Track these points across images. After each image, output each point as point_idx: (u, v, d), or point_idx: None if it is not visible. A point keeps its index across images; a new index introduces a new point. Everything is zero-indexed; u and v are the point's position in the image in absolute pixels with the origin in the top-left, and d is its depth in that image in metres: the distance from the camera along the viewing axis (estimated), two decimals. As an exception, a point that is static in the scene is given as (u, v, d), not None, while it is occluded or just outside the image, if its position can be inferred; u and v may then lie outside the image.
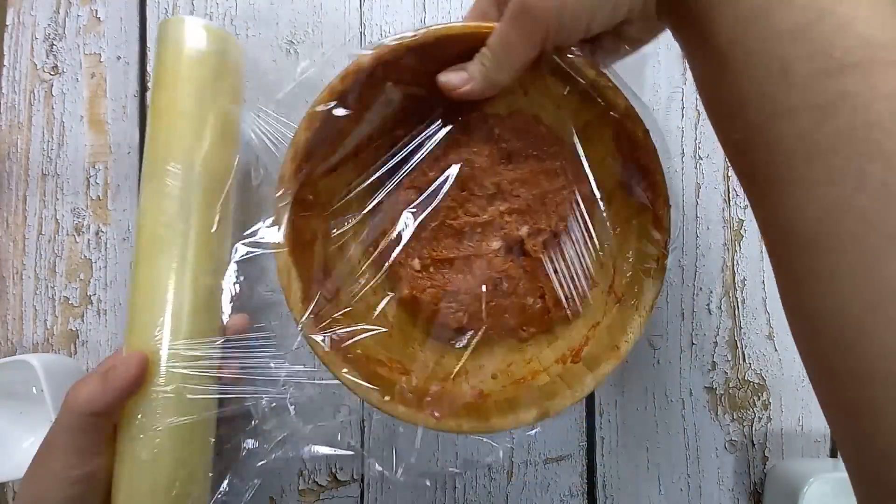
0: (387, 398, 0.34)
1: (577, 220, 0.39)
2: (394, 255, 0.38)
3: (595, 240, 0.39)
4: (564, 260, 0.39)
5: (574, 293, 0.39)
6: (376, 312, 0.39)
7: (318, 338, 0.34)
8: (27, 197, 0.45)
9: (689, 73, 0.45)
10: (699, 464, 0.45)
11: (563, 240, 0.39)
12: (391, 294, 0.40)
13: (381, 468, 0.44)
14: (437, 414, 0.33)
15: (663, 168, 0.35)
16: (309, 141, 0.34)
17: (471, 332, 0.39)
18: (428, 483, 0.44)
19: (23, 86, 0.45)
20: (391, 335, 0.39)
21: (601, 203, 0.39)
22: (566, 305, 0.39)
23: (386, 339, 0.38)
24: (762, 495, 0.44)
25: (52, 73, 0.45)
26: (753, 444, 0.45)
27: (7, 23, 0.45)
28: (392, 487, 0.44)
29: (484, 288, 0.39)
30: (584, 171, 0.39)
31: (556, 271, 0.39)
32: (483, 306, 0.39)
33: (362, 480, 0.45)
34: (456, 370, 0.38)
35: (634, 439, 0.45)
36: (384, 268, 0.39)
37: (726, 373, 0.45)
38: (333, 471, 0.44)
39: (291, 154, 0.34)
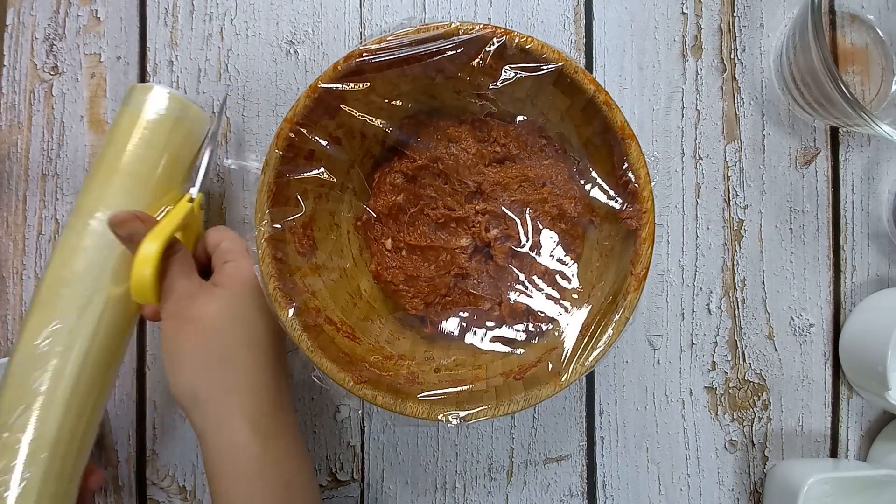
0: (314, 347, 0.35)
1: (556, 238, 0.39)
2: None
3: (571, 264, 0.39)
4: (535, 276, 0.39)
5: (535, 313, 0.39)
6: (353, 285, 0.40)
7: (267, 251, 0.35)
8: (27, 197, 0.45)
9: (688, 73, 0.45)
10: (699, 464, 0.45)
11: (539, 254, 0.39)
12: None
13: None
14: (356, 377, 0.34)
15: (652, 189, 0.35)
16: (308, 108, 0.35)
17: (430, 323, 0.40)
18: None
19: (23, 86, 0.45)
20: (356, 304, 0.40)
21: (592, 224, 0.39)
22: (515, 322, 0.39)
23: (349, 307, 0.39)
24: (762, 495, 0.44)
25: (52, 73, 0.45)
26: (753, 444, 0.45)
27: (7, 23, 0.45)
28: (392, 487, 0.45)
29: (443, 281, 0.39)
30: (575, 188, 0.39)
31: (519, 282, 0.39)
32: (440, 299, 0.40)
33: (362, 480, 0.45)
34: (401, 353, 0.39)
35: (634, 439, 0.45)
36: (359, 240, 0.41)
37: (726, 373, 0.45)
38: (333, 471, 0.44)
39: (291, 113, 0.35)
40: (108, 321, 0.35)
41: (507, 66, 0.35)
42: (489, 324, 0.40)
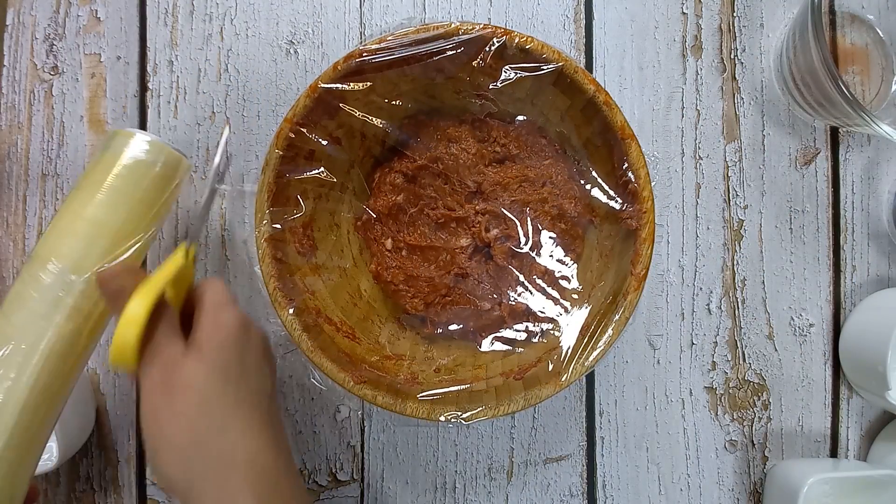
0: (314, 347, 0.35)
1: (555, 238, 0.39)
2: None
3: (571, 264, 0.39)
4: (535, 276, 0.39)
5: (534, 313, 0.39)
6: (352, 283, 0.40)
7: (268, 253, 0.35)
8: (27, 197, 0.45)
9: (688, 73, 0.45)
10: (699, 464, 0.45)
11: (539, 254, 0.39)
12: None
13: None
14: (355, 378, 0.35)
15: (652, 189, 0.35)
16: (308, 108, 0.35)
17: (430, 323, 0.40)
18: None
19: (23, 86, 0.45)
20: (356, 305, 0.40)
21: (592, 224, 0.39)
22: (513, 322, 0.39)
23: (349, 307, 0.39)
24: (762, 495, 0.44)
25: (52, 73, 0.45)
26: (753, 444, 0.45)
27: (7, 23, 0.45)
28: (392, 487, 0.44)
29: (443, 281, 0.40)
30: (575, 188, 0.39)
31: (519, 282, 0.39)
32: (440, 299, 0.40)
33: (362, 480, 0.45)
34: (401, 353, 0.39)
35: (634, 439, 0.45)
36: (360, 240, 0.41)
37: (726, 373, 0.45)
38: (333, 471, 0.44)
39: (291, 113, 0.35)
40: (45, 376, 0.33)
41: (507, 66, 0.35)
42: (489, 324, 0.40)
